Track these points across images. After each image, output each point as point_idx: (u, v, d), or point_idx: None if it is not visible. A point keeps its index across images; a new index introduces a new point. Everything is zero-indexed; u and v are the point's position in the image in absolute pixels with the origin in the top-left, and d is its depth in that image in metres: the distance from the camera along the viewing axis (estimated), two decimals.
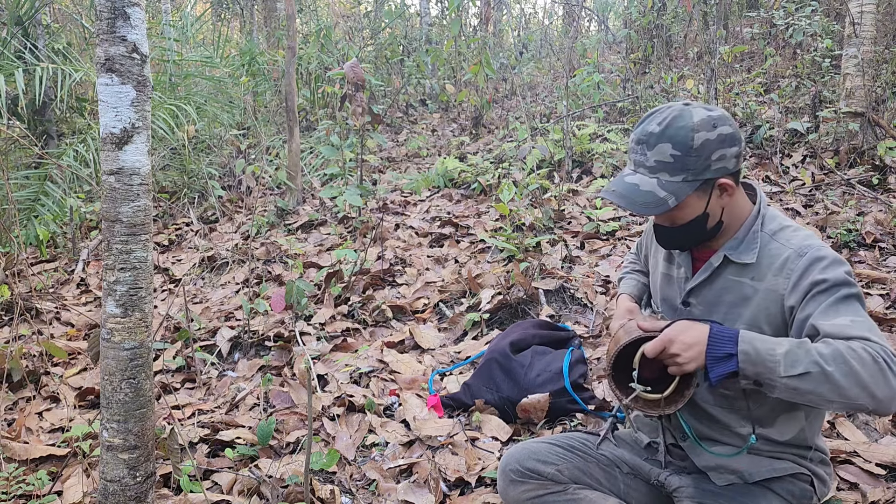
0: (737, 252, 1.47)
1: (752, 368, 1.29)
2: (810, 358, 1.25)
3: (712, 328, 1.35)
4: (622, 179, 1.46)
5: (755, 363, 1.29)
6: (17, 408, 2.77)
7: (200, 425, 2.49)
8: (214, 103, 6.76)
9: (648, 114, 1.46)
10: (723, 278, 1.49)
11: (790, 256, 1.40)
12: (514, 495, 1.67)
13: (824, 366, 1.23)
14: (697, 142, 1.38)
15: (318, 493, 2.03)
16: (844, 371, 1.22)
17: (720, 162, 1.39)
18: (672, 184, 1.40)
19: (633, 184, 1.43)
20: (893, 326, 2.71)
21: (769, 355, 1.28)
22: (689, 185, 1.40)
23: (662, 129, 1.40)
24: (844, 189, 4.25)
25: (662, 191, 1.40)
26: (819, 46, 5.77)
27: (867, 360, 1.23)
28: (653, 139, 1.41)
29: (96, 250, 4.86)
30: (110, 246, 1.54)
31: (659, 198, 1.40)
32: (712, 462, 1.54)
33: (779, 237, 1.45)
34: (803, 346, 1.28)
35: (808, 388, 1.25)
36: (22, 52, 5.65)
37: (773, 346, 1.29)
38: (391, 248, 4.27)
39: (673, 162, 1.39)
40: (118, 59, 1.50)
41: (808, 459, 1.54)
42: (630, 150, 1.48)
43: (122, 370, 1.57)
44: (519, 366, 2.54)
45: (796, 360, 1.25)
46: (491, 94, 7.78)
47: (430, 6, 10.65)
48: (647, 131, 1.42)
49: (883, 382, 1.22)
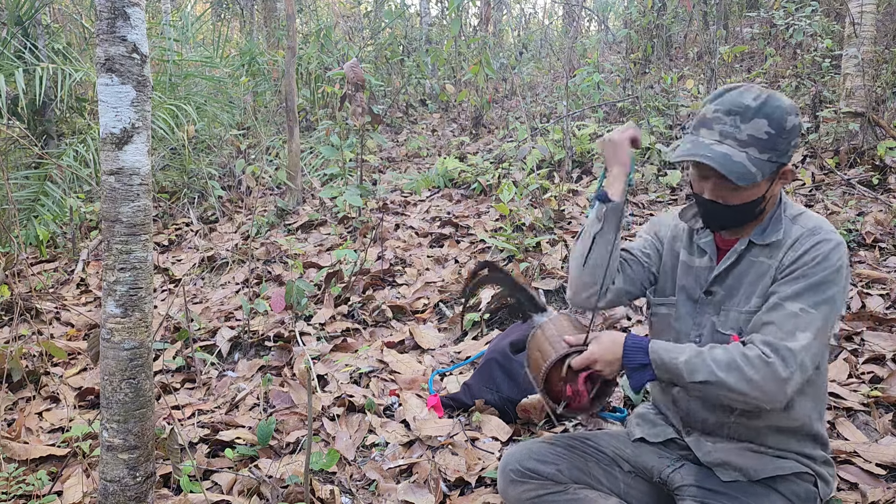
0: (761, 237, 1.50)
1: (666, 375, 1.46)
2: (707, 368, 1.39)
3: (626, 341, 1.49)
4: (707, 146, 1.41)
5: (666, 370, 1.45)
6: (17, 408, 2.77)
7: (200, 425, 2.49)
8: (214, 103, 6.76)
9: (730, 87, 1.44)
10: (745, 261, 1.52)
11: (803, 234, 1.45)
12: (514, 495, 1.67)
13: (719, 374, 1.38)
14: (789, 124, 1.39)
15: (318, 493, 2.03)
16: (737, 377, 1.37)
17: (794, 149, 1.43)
18: (759, 160, 1.40)
19: (724, 153, 1.40)
20: (893, 326, 2.71)
21: (672, 363, 1.43)
22: (771, 165, 1.41)
23: (759, 105, 1.39)
24: (844, 189, 4.24)
25: (752, 165, 1.39)
26: (819, 46, 5.76)
27: (757, 364, 1.36)
28: (749, 112, 1.39)
29: (96, 250, 4.86)
30: (110, 246, 1.54)
31: (749, 171, 1.39)
32: (717, 458, 1.55)
33: (798, 221, 1.49)
34: (701, 355, 1.41)
35: (712, 392, 1.40)
36: (22, 52, 5.65)
37: (676, 354, 1.44)
38: (391, 248, 4.27)
39: (766, 140, 1.39)
40: (118, 59, 1.50)
41: (813, 459, 1.54)
42: (712, 118, 1.43)
43: (122, 370, 1.57)
44: (519, 366, 2.54)
45: (695, 369, 1.40)
46: (491, 94, 7.78)
47: (430, 6, 10.65)
48: (742, 104, 1.40)
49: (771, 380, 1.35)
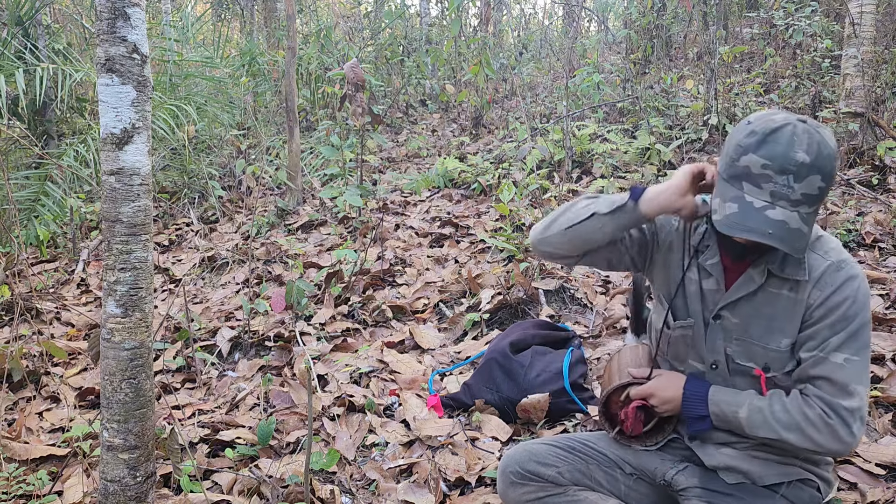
0: (780, 266, 1.41)
1: (725, 425, 1.48)
2: (769, 426, 1.41)
3: (685, 389, 1.51)
4: (760, 213, 1.26)
5: (726, 422, 1.47)
6: (18, 408, 2.77)
7: (200, 425, 2.49)
8: (215, 103, 6.76)
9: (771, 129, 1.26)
10: (764, 292, 1.44)
11: (828, 269, 1.38)
12: (514, 497, 1.66)
13: (782, 433, 1.40)
14: (835, 169, 1.27)
15: (318, 493, 2.03)
16: (799, 437, 1.39)
17: None
18: (809, 216, 1.27)
19: (781, 221, 1.25)
20: (893, 326, 2.71)
21: (734, 418, 1.45)
22: (816, 214, 1.30)
23: (813, 160, 1.24)
24: (844, 189, 4.25)
25: (805, 226, 1.27)
26: (819, 47, 5.77)
27: (819, 425, 1.37)
28: (804, 170, 1.24)
29: (96, 250, 4.87)
30: (110, 246, 1.55)
31: (804, 235, 1.27)
32: (722, 462, 1.55)
33: (814, 247, 1.41)
34: (762, 411, 1.42)
35: (770, 444, 1.45)
36: (22, 52, 5.65)
37: (736, 408, 1.45)
38: (391, 248, 4.28)
39: (818, 194, 1.26)
40: (118, 60, 1.50)
41: (816, 464, 1.54)
42: (759, 174, 1.27)
43: (123, 370, 1.57)
44: (519, 366, 2.54)
45: (756, 425, 1.43)
46: (491, 94, 7.78)
47: (430, 6, 10.65)
48: (797, 161, 1.24)
49: (834, 441, 1.37)
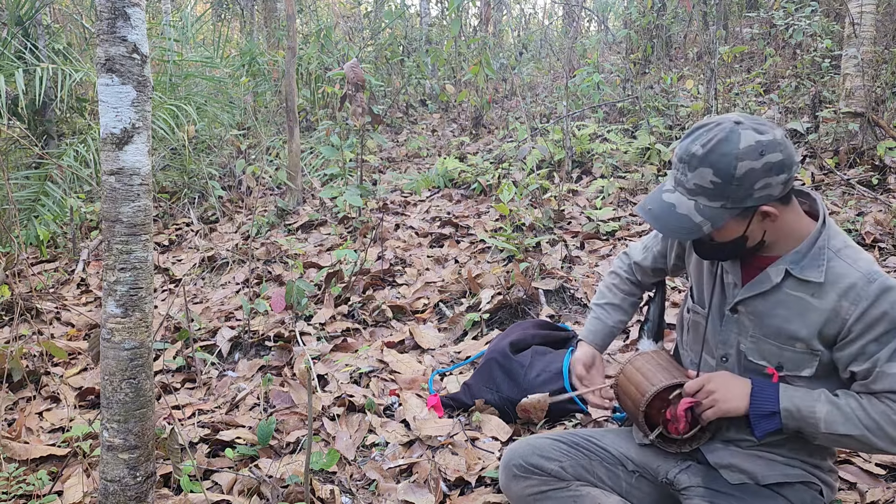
0: (799, 267, 1.41)
1: (794, 424, 1.42)
2: (850, 423, 1.37)
3: (754, 385, 1.46)
4: (660, 196, 1.42)
5: (797, 420, 1.41)
6: (18, 408, 2.77)
7: (200, 425, 2.49)
8: (215, 103, 6.76)
9: (695, 127, 1.38)
10: (781, 292, 1.44)
11: (858, 281, 1.36)
12: (516, 490, 1.67)
13: (864, 431, 1.36)
14: (740, 171, 1.31)
15: (318, 493, 2.03)
16: (881, 436, 1.36)
17: (764, 190, 1.33)
18: (710, 209, 1.35)
19: (669, 204, 1.39)
20: None
21: (810, 414, 1.40)
22: (728, 211, 1.35)
23: (705, 153, 1.33)
24: (844, 189, 4.25)
25: (699, 216, 1.36)
26: (819, 47, 5.77)
27: None
28: (694, 161, 1.34)
29: (96, 250, 4.87)
30: (110, 246, 1.55)
31: (694, 223, 1.36)
32: (725, 460, 1.54)
33: (843, 255, 1.40)
34: (842, 409, 1.38)
35: (846, 443, 1.40)
36: (22, 52, 5.65)
37: (813, 404, 1.40)
38: (391, 248, 4.28)
39: (713, 188, 1.34)
40: (118, 60, 1.50)
41: (820, 469, 1.54)
42: (673, 164, 1.42)
43: (123, 370, 1.57)
44: (519, 366, 2.54)
45: (835, 421, 1.38)
46: (491, 94, 7.78)
47: (430, 6, 10.64)
48: (690, 151, 1.35)
49: None
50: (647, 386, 1.59)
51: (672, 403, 1.56)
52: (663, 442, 1.61)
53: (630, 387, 1.64)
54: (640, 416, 1.59)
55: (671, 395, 1.56)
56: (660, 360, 1.65)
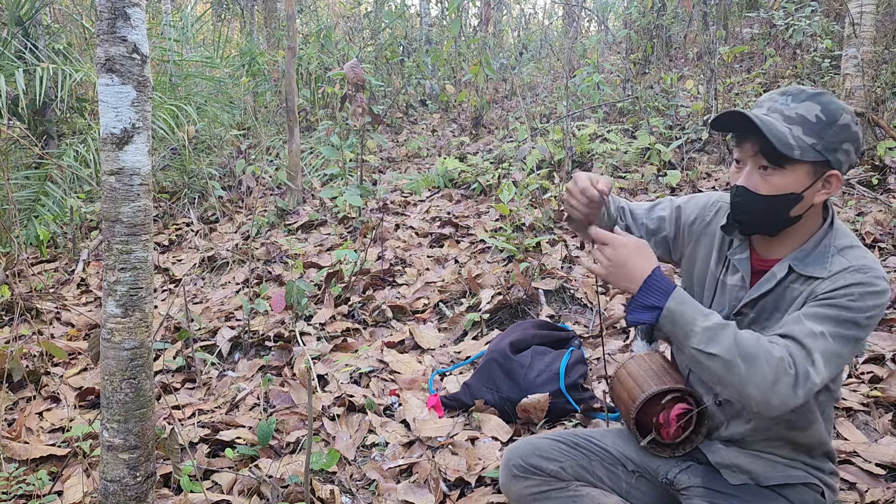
0: (803, 263, 1.40)
1: (670, 327, 1.34)
2: (730, 345, 1.29)
3: (653, 274, 1.37)
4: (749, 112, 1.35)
5: (675, 323, 1.34)
6: (18, 408, 2.77)
7: (200, 425, 2.49)
8: (215, 103, 6.77)
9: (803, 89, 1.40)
10: (784, 287, 1.43)
11: (847, 268, 1.36)
12: (516, 490, 1.67)
13: (737, 358, 1.28)
14: (843, 120, 1.34)
15: (318, 493, 2.03)
16: (748, 371, 1.27)
17: (845, 154, 1.35)
18: (801, 140, 1.33)
19: (767, 119, 1.34)
20: (893, 326, 2.71)
21: (691, 323, 1.32)
22: (814, 153, 1.33)
23: (815, 93, 1.36)
24: (844, 189, 4.25)
25: (793, 139, 1.32)
26: (819, 47, 5.77)
27: (777, 368, 1.26)
28: (803, 95, 1.36)
29: (96, 250, 4.87)
30: (110, 246, 1.55)
31: (789, 142, 1.32)
32: (726, 460, 1.54)
33: (846, 253, 1.39)
34: (727, 329, 1.31)
35: (709, 365, 1.31)
36: (22, 52, 5.64)
37: (702, 318, 1.33)
38: (391, 248, 4.28)
39: (815, 123, 1.33)
40: (118, 60, 1.50)
41: (822, 471, 1.54)
42: (764, 100, 1.40)
43: (123, 370, 1.57)
44: (519, 366, 2.54)
45: (714, 339, 1.30)
46: (491, 94, 7.79)
47: (430, 6, 10.65)
48: (800, 89, 1.37)
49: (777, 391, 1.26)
50: (637, 392, 1.59)
51: (664, 408, 1.56)
52: (656, 447, 1.61)
53: (622, 392, 1.64)
54: (632, 423, 1.59)
55: (663, 400, 1.56)
56: (652, 365, 1.64)
